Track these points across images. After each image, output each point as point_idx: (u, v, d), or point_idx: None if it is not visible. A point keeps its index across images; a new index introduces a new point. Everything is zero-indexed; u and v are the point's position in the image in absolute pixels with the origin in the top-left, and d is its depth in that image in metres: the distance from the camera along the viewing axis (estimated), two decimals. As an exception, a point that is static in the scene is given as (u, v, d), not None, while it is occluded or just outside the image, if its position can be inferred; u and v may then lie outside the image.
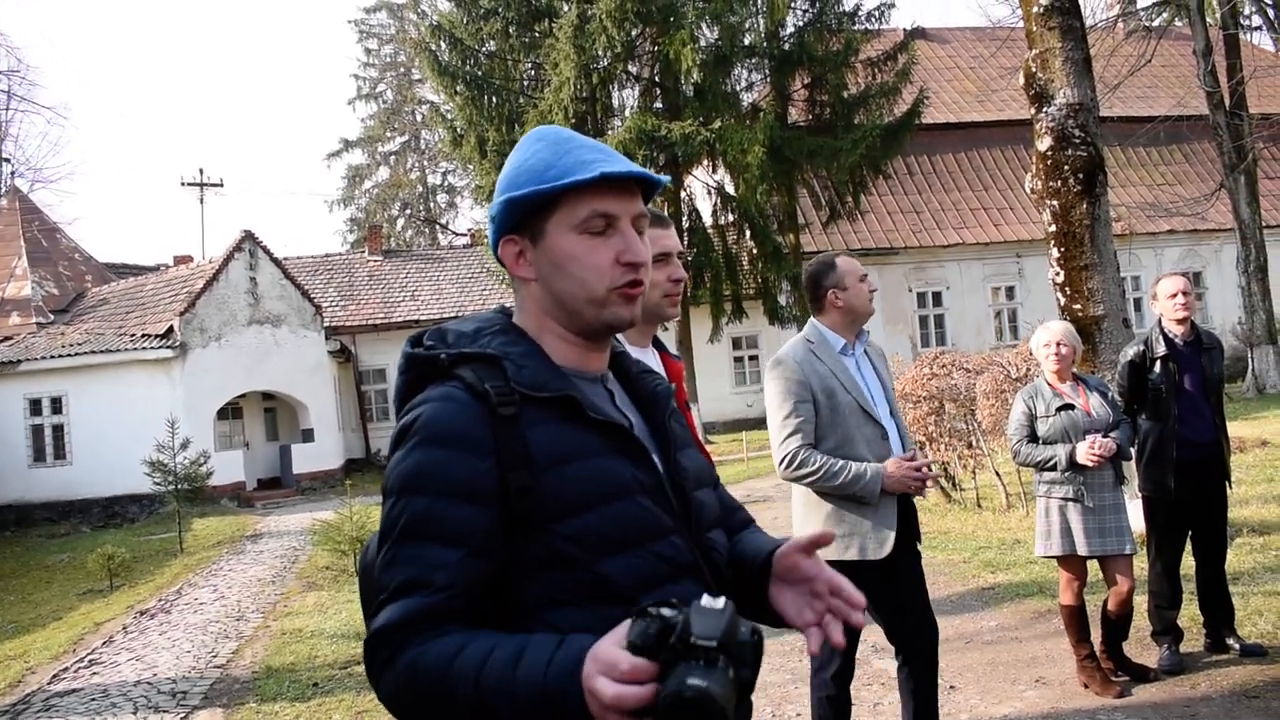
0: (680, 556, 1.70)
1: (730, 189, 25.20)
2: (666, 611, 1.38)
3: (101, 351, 23.55)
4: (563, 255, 1.71)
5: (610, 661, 1.37)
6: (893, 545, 4.11)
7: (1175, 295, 5.83)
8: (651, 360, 3.04)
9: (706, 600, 1.38)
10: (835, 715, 4.24)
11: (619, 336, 2.92)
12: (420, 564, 1.56)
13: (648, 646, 1.36)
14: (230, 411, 25.83)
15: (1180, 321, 5.85)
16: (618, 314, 1.73)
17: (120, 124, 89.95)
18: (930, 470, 4.17)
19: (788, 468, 4.16)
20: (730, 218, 25.68)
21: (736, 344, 29.53)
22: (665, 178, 1.78)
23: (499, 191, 1.76)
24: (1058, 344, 5.56)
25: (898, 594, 4.29)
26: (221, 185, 47.55)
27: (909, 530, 4.30)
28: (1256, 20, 26.37)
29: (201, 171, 47.10)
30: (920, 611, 4.33)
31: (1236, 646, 5.80)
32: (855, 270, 4.29)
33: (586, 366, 1.78)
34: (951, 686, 5.81)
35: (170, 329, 23.82)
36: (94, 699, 7.87)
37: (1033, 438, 5.53)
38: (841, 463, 4.09)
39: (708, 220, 25.91)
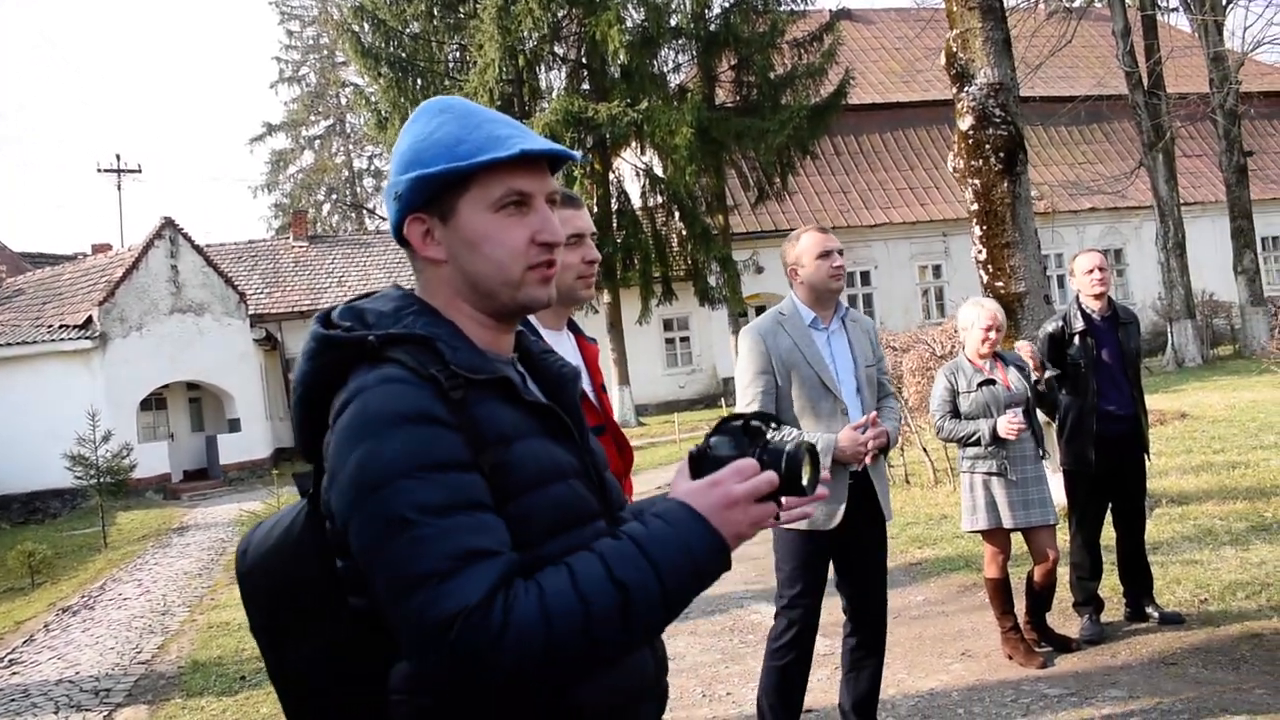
0: None
1: (659, 170, 25.22)
2: (712, 436, 1.64)
3: (18, 343, 23.05)
4: (477, 235, 1.62)
5: (734, 470, 1.53)
6: (842, 517, 4.14)
7: (1092, 271, 5.91)
8: (567, 343, 3.00)
9: (726, 426, 1.65)
10: (786, 687, 4.26)
11: (534, 319, 2.90)
12: (463, 532, 1.43)
13: (736, 454, 1.58)
14: (154, 402, 25.41)
15: (1097, 297, 5.92)
16: (533, 295, 1.66)
17: (30, 108, 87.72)
18: (884, 439, 4.19)
19: None
20: (659, 199, 25.72)
21: (668, 325, 29.55)
22: (579, 153, 1.74)
23: (402, 166, 1.65)
24: (994, 329, 5.57)
25: (851, 566, 4.34)
26: (140, 171, 46.53)
27: (873, 504, 4.32)
28: (1174, 2, 26.84)
29: (119, 157, 45.91)
30: (873, 586, 4.37)
31: (1156, 615, 5.91)
32: (814, 248, 4.26)
33: (499, 350, 1.70)
34: (880, 662, 5.86)
35: (89, 319, 23.36)
36: (14, 700, 7.67)
37: (955, 414, 5.58)
38: None
39: (636, 202, 25.90)
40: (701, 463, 1.61)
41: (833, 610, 4.52)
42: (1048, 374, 5.77)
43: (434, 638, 1.39)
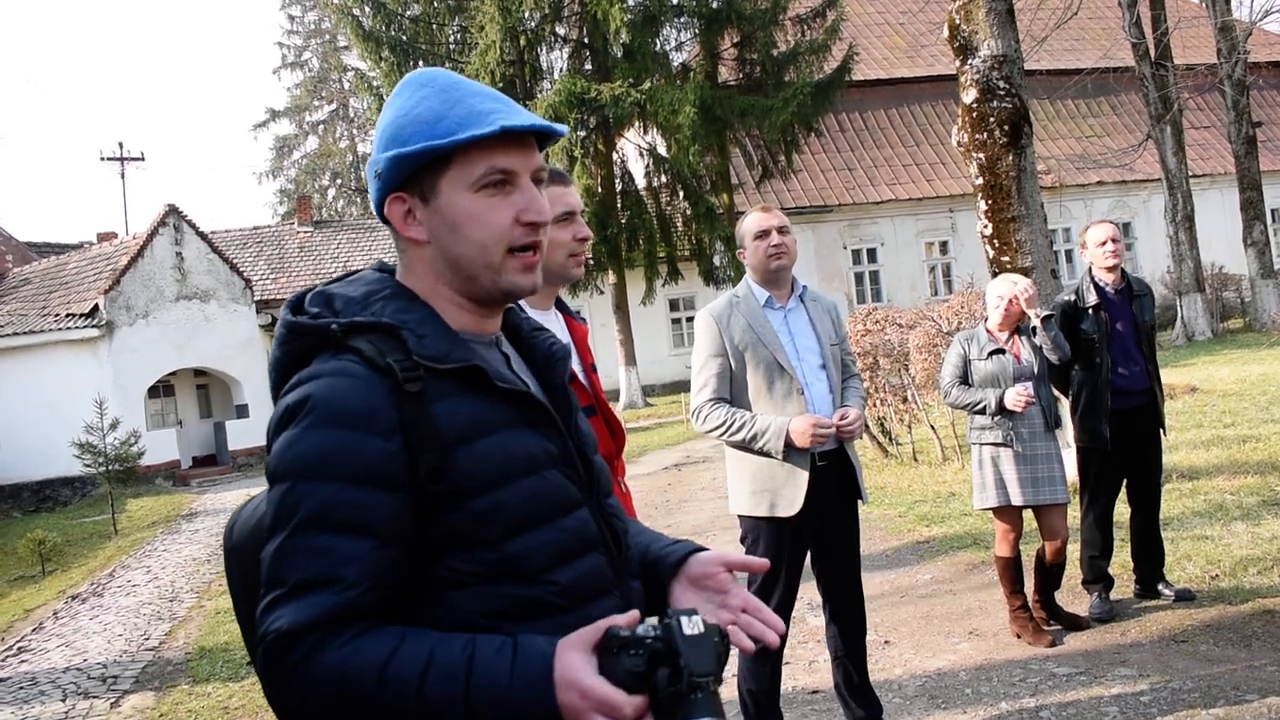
0: (587, 529, 1.61)
1: (662, 150, 25.10)
2: (647, 638, 1.37)
3: (25, 333, 23.07)
4: (459, 215, 1.56)
5: (607, 701, 1.33)
6: (804, 503, 4.08)
7: (1105, 242, 5.82)
8: (555, 322, 2.95)
9: (686, 625, 1.37)
10: (762, 671, 4.23)
11: (521, 300, 2.84)
12: (327, 557, 1.41)
13: (638, 681, 1.36)
14: (161, 389, 25.43)
15: (1110, 269, 5.84)
16: (515, 282, 1.61)
17: (34, 97, 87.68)
18: (853, 429, 4.14)
19: (696, 420, 4.28)
20: (663, 179, 25.60)
21: (674, 305, 29.47)
22: (564, 127, 1.67)
23: (383, 144, 1.60)
24: (1011, 299, 5.50)
25: (825, 551, 4.29)
26: (143, 159, 46.37)
27: (846, 487, 4.28)
28: (1179, -29, 26.66)
29: (121, 145, 45.61)
30: (846, 571, 4.32)
31: (1168, 593, 5.85)
32: (754, 227, 4.24)
33: (482, 330, 1.65)
34: (886, 641, 5.82)
35: (95, 308, 23.38)
36: (21, 687, 7.68)
37: (965, 381, 5.53)
38: (745, 418, 4.13)
39: (640, 182, 25.80)
40: (605, 652, 1.38)
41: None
42: (1041, 314, 5.58)
43: (260, 642, 1.43)
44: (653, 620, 1.40)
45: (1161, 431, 6.01)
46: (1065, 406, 6.17)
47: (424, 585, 1.50)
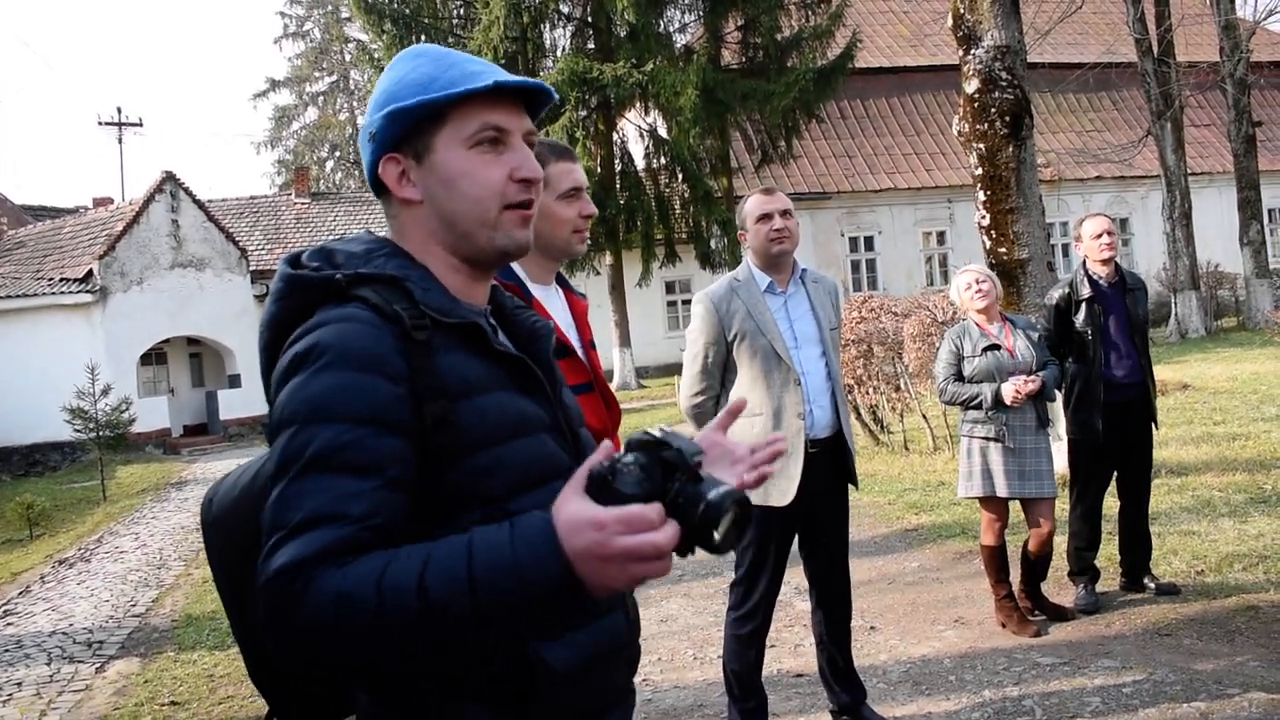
0: None
1: (663, 132, 25.03)
2: (627, 454, 1.35)
3: (18, 296, 23.01)
4: (453, 172, 1.58)
5: (627, 517, 1.27)
6: (798, 491, 4.09)
7: (1100, 235, 5.82)
8: (556, 298, 2.94)
9: (654, 431, 1.37)
10: (746, 653, 4.25)
11: (522, 274, 2.84)
12: (331, 495, 1.37)
13: (644, 490, 1.31)
14: (154, 357, 25.40)
15: (1105, 262, 5.84)
16: (512, 236, 1.61)
17: (31, 60, 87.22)
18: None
19: (683, 396, 4.38)
20: (662, 161, 25.51)
21: (670, 288, 29.42)
22: (554, 92, 1.68)
23: (377, 107, 1.61)
24: (978, 280, 5.55)
25: (813, 537, 4.31)
26: (141, 125, 46.24)
27: (840, 473, 4.29)
28: (1185, -32, 26.62)
29: (120, 110, 45.28)
30: (833, 556, 4.34)
31: (1153, 586, 5.88)
32: (755, 210, 4.21)
33: (473, 299, 1.64)
34: (872, 627, 5.85)
35: (90, 273, 23.31)
36: (7, 649, 7.70)
37: (959, 377, 5.53)
38: (704, 415, 4.24)
39: (640, 164, 25.72)
40: (600, 487, 1.33)
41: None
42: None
43: (261, 586, 1.35)
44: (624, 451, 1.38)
45: (1153, 425, 6.03)
46: (1058, 401, 6.19)
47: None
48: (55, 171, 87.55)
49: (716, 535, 1.31)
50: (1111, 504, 6.07)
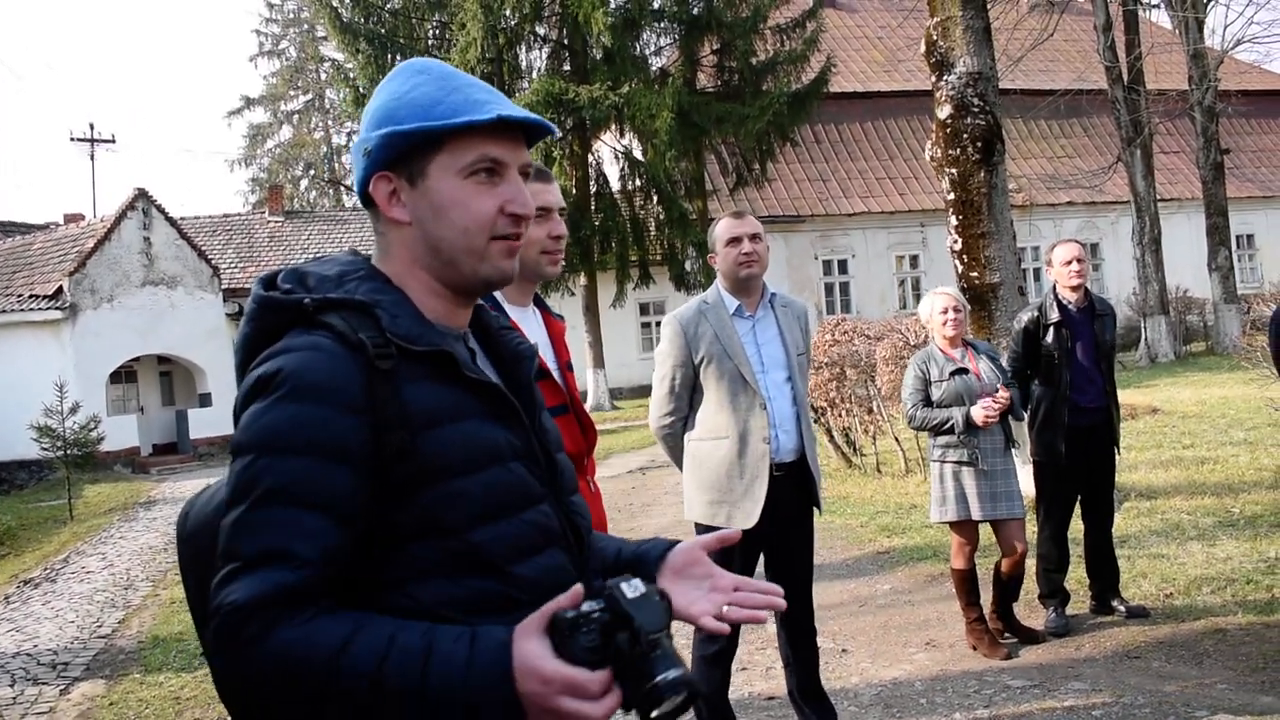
0: (550, 524, 1.62)
1: (638, 154, 25.13)
2: (593, 611, 1.38)
3: (-13, 312, 22.72)
4: (445, 200, 1.57)
5: (571, 682, 1.33)
6: (761, 514, 4.10)
7: (1070, 262, 5.87)
8: (533, 319, 2.94)
9: (628, 590, 1.39)
10: (713, 674, 4.24)
11: (499, 294, 2.84)
12: (284, 531, 1.39)
13: (598, 655, 1.36)
14: (124, 375, 25.16)
15: (1075, 289, 5.90)
16: (498, 267, 1.61)
17: (1, 74, 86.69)
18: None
19: (653, 418, 4.44)
20: (637, 183, 25.62)
21: (644, 309, 29.44)
22: (554, 127, 1.68)
23: (374, 123, 1.60)
24: (953, 308, 5.60)
25: (778, 561, 4.30)
26: (114, 142, 45.78)
27: (805, 498, 4.29)
28: (1155, -2, 26.99)
29: (92, 127, 45.00)
30: (797, 580, 4.32)
31: (1122, 609, 5.91)
32: (725, 233, 4.20)
33: (451, 322, 1.64)
34: (843, 650, 5.85)
35: (60, 290, 23.10)
36: (-30, 671, 7.58)
37: (927, 402, 5.56)
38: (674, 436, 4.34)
39: (615, 185, 25.80)
40: (559, 636, 1.37)
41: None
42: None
43: (212, 611, 1.40)
44: (592, 600, 1.41)
45: (1116, 449, 6.08)
46: (1023, 423, 6.23)
47: (385, 575, 1.49)
48: (26, 187, 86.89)
49: (654, 714, 1.36)
50: (1079, 527, 6.11)
